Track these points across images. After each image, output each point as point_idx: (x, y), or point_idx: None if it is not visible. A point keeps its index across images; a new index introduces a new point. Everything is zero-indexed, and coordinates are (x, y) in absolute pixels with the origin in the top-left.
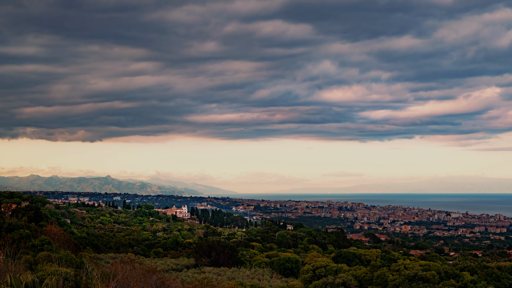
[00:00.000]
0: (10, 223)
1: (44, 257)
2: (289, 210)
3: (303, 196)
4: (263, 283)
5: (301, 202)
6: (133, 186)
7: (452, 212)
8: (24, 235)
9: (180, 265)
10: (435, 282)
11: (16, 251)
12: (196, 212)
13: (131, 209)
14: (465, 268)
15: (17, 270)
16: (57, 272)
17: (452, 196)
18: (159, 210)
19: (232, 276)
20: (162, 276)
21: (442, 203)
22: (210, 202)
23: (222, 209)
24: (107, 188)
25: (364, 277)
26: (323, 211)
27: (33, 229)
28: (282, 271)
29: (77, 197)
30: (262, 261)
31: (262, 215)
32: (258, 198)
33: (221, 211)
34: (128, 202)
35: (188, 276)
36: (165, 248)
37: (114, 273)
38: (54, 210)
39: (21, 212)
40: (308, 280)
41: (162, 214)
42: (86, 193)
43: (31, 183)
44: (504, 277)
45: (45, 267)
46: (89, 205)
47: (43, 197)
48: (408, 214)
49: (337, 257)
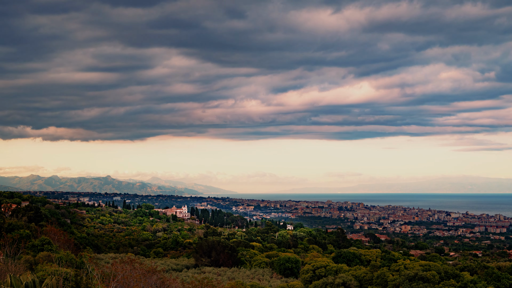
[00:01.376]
0: (10, 223)
1: (44, 257)
2: (289, 210)
3: (303, 196)
4: (263, 283)
5: (301, 202)
6: (133, 186)
7: (452, 212)
8: (24, 235)
9: (180, 265)
10: (435, 282)
11: (16, 251)
12: (196, 212)
13: (131, 209)
14: (465, 268)
15: (17, 270)
16: (57, 272)
17: (452, 196)
18: (159, 210)
19: (232, 276)
20: (162, 276)
21: (442, 203)
22: (210, 202)
23: (222, 209)
24: (107, 188)
25: (364, 277)
26: (323, 211)
27: (33, 229)
28: (282, 271)
29: (77, 197)
30: (262, 261)
31: (262, 215)
32: (258, 198)
33: (221, 211)
34: (128, 202)
35: (188, 276)
36: (165, 248)
37: (114, 273)
38: (54, 210)
39: (21, 212)
40: (308, 280)
41: (162, 214)
42: (86, 193)
43: (31, 183)
44: (504, 277)
45: (45, 267)
46: (89, 205)
47: (43, 197)
48: (408, 214)
49: (337, 257)
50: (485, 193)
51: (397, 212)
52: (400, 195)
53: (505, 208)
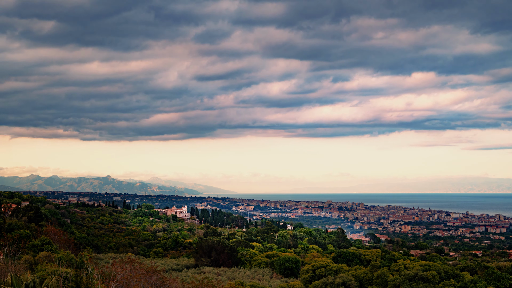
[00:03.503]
0: (10, 223)
1: (44, 257)
2: (289, 210)
3: (303, 196)
4: (263, 283)
5: (301, 202)
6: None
7: (452, 212)
8: (24, 235)
9: (180, 265)
10: (435, 282)
11: (16, 251)
12: (196, 212)
13: (131, 209)
14: (465, 268)
15: (17, 270)
16: (57, 272)
17: (452, 196)
18: (159, 210)
19: (232, 276)
20: (162, 276)
21: (442, 203)
22: (210, 202)
23: (222, 209)
24: (107, 188)
25: (364, 277)
26: (323, 211)
27: (33, 229)
28: (282, 271)
29: (77, 197)
30: (262, 261)
31: (262, 215)
32: (258, 198)
33: (221, 211)
34: (128, 202)
35: (188, 276)
36: (165, 248)
37: (114, 273)
38: (54, 210)
39: (21, 212)
40: (308, 280)
41: (162, 214)
42: (86, 193)
43: (31, 183)
44: (504, 277)
45: (45, 267)
46: (89, 205)
47: (43, 197)
48: (408, 214)
49: (337, 257)
50: (485, 193)
51: (397, 212)
52: (400, 195)
53: (505, 208)
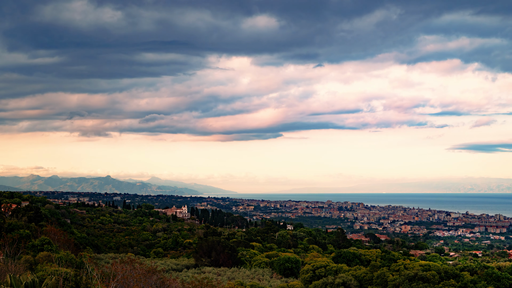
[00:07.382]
0: (10, 223)
1: (44, 257)
2: (289, 210)
3: (303, 196)
4: (263, 283)
5: (301, 202)
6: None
7: (452, 212)
8: (24, 235)
9: (180, 265)
10: (435, 282)
11: (16, 251)
12: (196, 212)
13: (131, 209)
14: (465, 268)
15: (17, 270)
16: (57, 272)
17: (452, 196)
18: (159, 210)
19: (232, 276)
20: (162, 276)
21: (442, 203)
22: (210, 202)
23: (222, 209)
24: (107, 188)
25: (364, 277)
26: (323, 211)
27: (33, 229)
28: (282, 271)
29: (77, 197)
30: (262, 261)
31: (262, 215)
32: (258, 198)
33: (221, 211)
34: (128, 202)
35: (188, 276)
36: (165, 248)
37: (114, 273)
38: (54, 210)
39: (21, 212)
40: (308, 280)
41: (162, 214)
42: (86, 193)
43: (31, 183)
44: (504, 277)
45: (45, 267)
46: (89, 205)
47: (43, 197)
48: (408, 214)
49: (337, 257)
50: (485, 193)
51: (397, 212)
52: (400, 195)
53: (505, 208)
